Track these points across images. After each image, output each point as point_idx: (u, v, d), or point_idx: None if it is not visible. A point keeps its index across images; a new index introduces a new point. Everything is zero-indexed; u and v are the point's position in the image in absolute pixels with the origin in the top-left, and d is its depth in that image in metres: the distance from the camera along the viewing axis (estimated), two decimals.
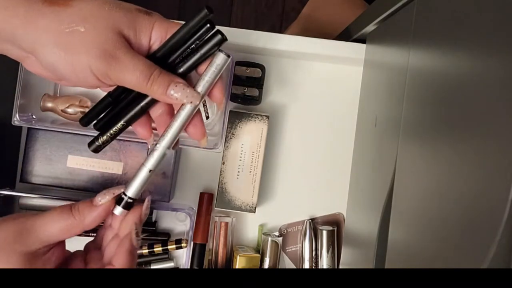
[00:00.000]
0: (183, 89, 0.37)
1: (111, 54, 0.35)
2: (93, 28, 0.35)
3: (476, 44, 0.30)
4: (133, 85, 0.36)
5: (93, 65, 0.35)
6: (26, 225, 0.36)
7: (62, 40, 0.34)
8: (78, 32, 0.34)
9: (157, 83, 0.36)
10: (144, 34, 0.37)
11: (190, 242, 0.59)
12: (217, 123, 0.60)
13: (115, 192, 0.39)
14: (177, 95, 0.37)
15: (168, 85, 0.37)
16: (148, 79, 0.36)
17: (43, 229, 0.36)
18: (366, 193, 0.53)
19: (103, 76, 0.36)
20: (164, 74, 0.37)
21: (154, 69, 0.36)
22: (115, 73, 0.35)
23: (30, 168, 0.58)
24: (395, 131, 0.43)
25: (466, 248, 0.28)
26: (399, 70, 0.44)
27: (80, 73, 0.35)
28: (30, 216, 0.37)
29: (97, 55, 0.34)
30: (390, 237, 0.41)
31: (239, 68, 0.60)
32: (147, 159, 0.40)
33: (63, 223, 0.37)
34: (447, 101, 0.33)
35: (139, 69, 0.36)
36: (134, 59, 0.36)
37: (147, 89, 0.37)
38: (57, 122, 0.58)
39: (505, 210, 0.24)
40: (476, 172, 0.28)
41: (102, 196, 0.39)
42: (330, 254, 0.61)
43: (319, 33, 0.87)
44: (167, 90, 0.37)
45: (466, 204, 0.28)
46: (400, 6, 0.46)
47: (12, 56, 0.37)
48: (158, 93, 0.37)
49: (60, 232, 0.37)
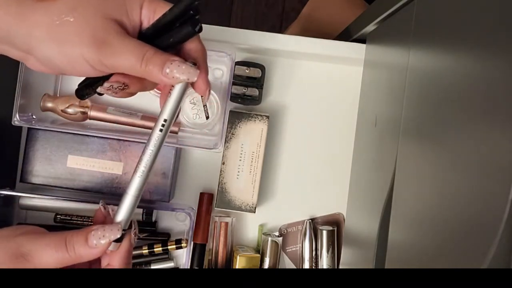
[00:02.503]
0: (179, 65, 0.36)
1: (102, 40, 0.34)
2: (82, 16, 0.34)
3: (476, 44, 0.30)
4: (128, 68, 0.36)
5: (86, 53, 0.34)
6: (21, 251, 0.35)
7: (53, 32, 0.34)
8: (68, 22, 0.34)
9: (152, 62, 0.36)
10: (136, 13, 0.37)
11: (190, 242, 0.59)
12: (217, 123, 0.60)
13: (111, 237, 0.37)
14: (174, 73, 0.36)
15: (164, 63, 0.36)
16: (141, 59, 0.35)
17: (38, 259, 0.36)
18: (366, 193, 0.53)
19: (97, 64, 0.35)
20: (158, 53, 0.36)
21: (147, 49, 0.36)
22: (108, 59, 0.35)
23: (30, 168, 0.58)
24: (395, 131, 0.43)
25: (466, 248, 0.28)
26: (399, 70, 0.44)
27: (75, 63, 0.35)
28: (25, 241, 0.36)
29: (88, 43, 0.34)
30: (390, 237, 0.41)
31: (239, 68, 0.60)
32: (129, 186, 0.39)
33: (59, 256, 0.36)
34: (447, 101, 0.33)
35: (131, 50, 0.35)
36: (125, 42, 0.35)
37: (142, 70, 0.36)
38: (57, 122, 0.58)
39: (505, 210, 0.24)
40: (476, 172, 0.28)
41: (97, 239, 0.37)
42: (330, 254, 0.61)
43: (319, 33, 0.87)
44: (162, 68, 0.36)
45: (466, 204, 0.28)
46: (400, 6, 0.46)
47: (13, 56, 0.37)
48: (154, 73, 0.36)
49: (55, 264, 0.36)
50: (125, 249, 0.39)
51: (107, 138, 0.58)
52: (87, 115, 0.58)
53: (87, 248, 0.37)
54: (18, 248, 0.36)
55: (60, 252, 0.36)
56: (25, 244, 0.36)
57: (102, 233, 0.37)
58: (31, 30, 0.34)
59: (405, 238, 0.38)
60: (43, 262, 0.36)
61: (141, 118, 0.58)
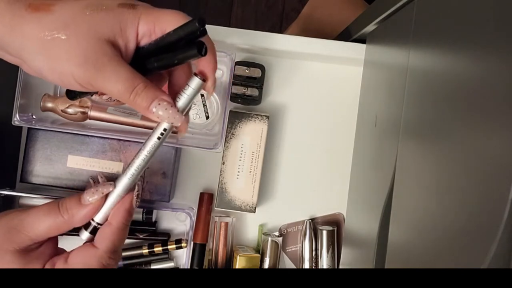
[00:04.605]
0: (166, 108, 0.36)
1: (93, 62, 0.34)
2: (74, 35, 0.34)
3: (476, 44, 0.30)
4: (116, 95, 0.35)
5: (75, 73, 0.34)
6: (14, 223, 0.36)
7: (44, 47, 0.34)
8: (60, 39, 0.34)
9: (141, 97, 0.35)
10: (131, 31, 0.36)
11: (190, 242, 0.59)
12: (217, 123, 0.60)
13: (104, 191, 0.38)
14: (159, 113, 0.36)
15: (152, 100, 0.36)
16: (131, 92, 0.35)
17: (31, 227, 0.36)
18: (366, 193, 0.53)
19: (86, 83, 0.35)
20: (148, 88, 0.36)
21: (139, 82, 0.35)
22: (97, 82, 0.35)
23: (30, 168, 0.58)
24: (395, 131, 0.43)
25: (466, 248, 0.28)
26: (399, 70, 0.44)
27: (64, 79, 0.35)
28: (17, 214, 0.37)
29: (79, 63, 0.34)
30: (390, 237, 0.41)
31: (239, 68, 0.60)
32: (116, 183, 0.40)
33: (52, 221, 0.36)
34: (447, 101, 0.33)
35: (122, 81, 0.35)
36: (117, 69, 0.35)
37: (129, 101, 0.36)
38: (57, 122, 0.58)
39: (505, 210, 0.24)
40: (476, 172, 0.28)
41: (90, 194, 0.38)
42: (330, 254, 0.61)
43: (319, 33, 0.87)
44: (150, 105, 0.36)
45: (466, 204, 0.28)
46: (400, 6, 0.46)
47: (9, 61, 0.37)
48: (141, 107, 0.36)
49: (48, 231, 0.37)
50: (125, 208, 0.39)
51: (107, 138, 0.58)
52: (87, 115, 0.58)
53: (81, 207, 0.37)
54: (8, 222, 0.36)
55: (52, 216, 0.36)
56: (14, 218, 0.36)
57: (94, 189, 0.38)
58: (23, 41, 0.34)
59: (405, 238, 0.38)
60: (35, 229, 0.36)
61: (141, 118, 0.58)
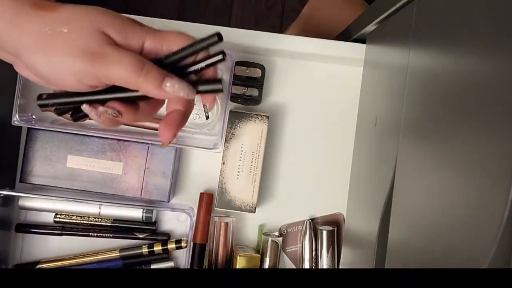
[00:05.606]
0: (178, 83, 0.35)
1: (96, 51, 0.34)
2: (76, 28, 0.34)
3: (476, 44, 0.30)
4: (123, 78, 0.35)
5: (75, 66, 0.34)
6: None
7: (42, 41, 0.33)
8: (61, 33, 0.33)
9: (152, 75, 0.35)
10: (136, 41, 0.36)
11: (190, 242, 0.59)
12: (217, 123, 0.60)
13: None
14: (173, 88, 0.35)
15: (163, 78, 0.35)
16: (141, 70, 0.34)
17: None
18: (366, 193, 0.53)
19: (86, 77, 0.34)
20: (157, 68, 0.35)
21: (146, 61, 0.35)
22: (102, 69, 0.34)
23: (30, 168, 0.58)
24: (395, 131, 0.43)
25: (466, 248, 0.28)
26: (399, 70, 0.44)
27: (61, 75, 0.34)
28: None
29: (80, 55, 0.33)
30: (390, 237, 0.41)
31: (239, 68, 0.60)
32: None
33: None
34: (447, 101, 0.33)
35: (130, 61, 0.34)
36: (121, 52, 0.34)
37: (139, 82, 0.35)
38: (57, 122, 0.58)
39: (505, 210, 0.24)
40: (476, 172, 0.28)
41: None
42: (330, 254, 0.61)
43: (319, 33, 0.87)
44: (162, 82, 0.35)
45: (466, 204, 0.28)
46: (400, 6, 0.46)
47: (3, 58, 0.37)
48: (152, 86, 0.35)
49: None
50: None
51: (107, 138, 0.58)
52: None
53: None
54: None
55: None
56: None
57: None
58: (20, 37, 0.34)
59: (405, 238, 0.38)
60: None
61: None
